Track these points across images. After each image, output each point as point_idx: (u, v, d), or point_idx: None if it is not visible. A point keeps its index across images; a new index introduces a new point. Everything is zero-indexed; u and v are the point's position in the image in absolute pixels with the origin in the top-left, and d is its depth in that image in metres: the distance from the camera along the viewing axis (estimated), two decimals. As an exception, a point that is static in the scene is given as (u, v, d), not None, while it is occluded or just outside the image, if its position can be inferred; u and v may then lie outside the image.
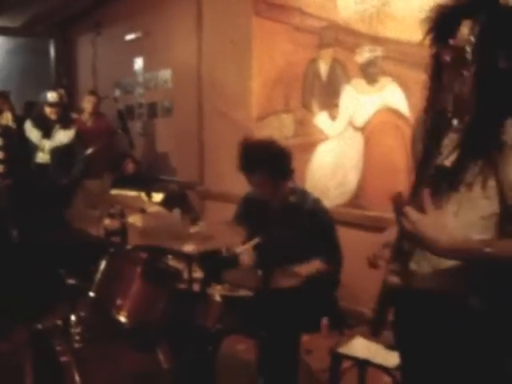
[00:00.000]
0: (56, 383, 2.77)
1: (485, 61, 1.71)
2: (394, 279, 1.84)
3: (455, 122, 1.79)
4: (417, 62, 4.04)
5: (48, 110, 6.59)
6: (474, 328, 1.73)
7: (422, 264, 1.83)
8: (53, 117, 6.60)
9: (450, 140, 1.82)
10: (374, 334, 2.05)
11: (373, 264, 2.07)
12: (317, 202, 3.44)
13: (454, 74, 1.74)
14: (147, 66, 7.76)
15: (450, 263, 1.73)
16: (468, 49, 1.67)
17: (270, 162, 3.25)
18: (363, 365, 2.98)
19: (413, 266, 1.85)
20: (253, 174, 3.31)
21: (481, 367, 1.74)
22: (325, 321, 3.18)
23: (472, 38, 1.67)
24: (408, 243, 1.83)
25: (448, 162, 1.78)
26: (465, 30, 1.70)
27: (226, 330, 3.09)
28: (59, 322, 2.94)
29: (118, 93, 8.36)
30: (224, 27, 6.08)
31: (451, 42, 1.74)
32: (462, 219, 1.74)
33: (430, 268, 1.81)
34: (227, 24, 6.02)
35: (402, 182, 4.20)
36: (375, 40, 4.36)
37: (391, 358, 2.76)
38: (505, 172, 1.67)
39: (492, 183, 1.69)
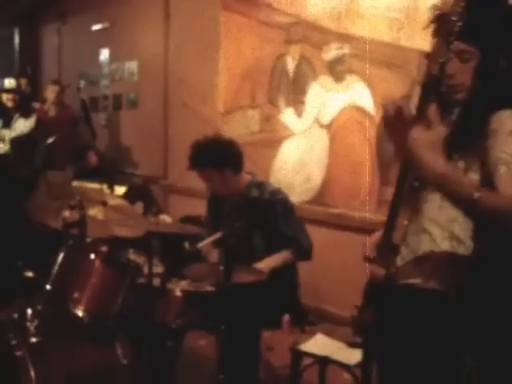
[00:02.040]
0: (11, 378, 2.70)
1: (489, 58, 1.76)
2: (381, 271, 1.83)
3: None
4: (383, 60, 4.07)
5: (4, 97, 6.48)
6: (444, 322, 1.75)
7: (405, 255, 1.85)
8: (9, 104, 6.49)
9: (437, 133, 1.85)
10: (358, 332, 2.06)
11: (370, 260, 2.03)
12: (275, 192, 3.43)
13: (442, 43, 1.74)
14: (113, 57, 7.66)
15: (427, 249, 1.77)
16: (454, 18, 1.66)
17: (212, 155, 3.32)
18: (324, 362, 2.97)
19: (398, 261, 1.86)
20: (199, 170, 3.38)
21: (442, 362, 1.77)
22: (286, 317, 3.17)
23: (458, 8, 1.67)
24: (393, 238, 1.82)
25: None
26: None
27: (186, 326, 3.06)
28: (15, 316, 2.87)
29: (82, 84, 8.23)
30: (192, 20, 6.03)
31: (437, 12, 1.76)
32: (445, 213, 1.78)
33: (411, 255, 1.84)
34: (195, 17, 5.97)
35: (366, 180, 4.22)
36: (343, 37, 4.36)
37: (352, 356, 2.77)
38: (489, 156, 1.68)
39: (474, 176, 1.72)
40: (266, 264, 3.19)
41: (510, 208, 1.59)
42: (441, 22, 1.75)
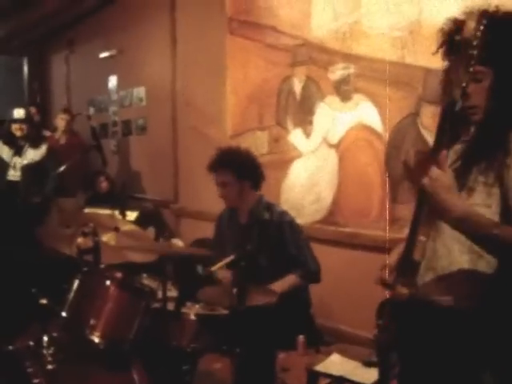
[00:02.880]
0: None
1: (502, 76, 1.79)
2: (403, 290, 1.84)
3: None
4: (389, 79, 4.09)
5: (13, 127, 6.55)
6: (464, 339, 1.76)
7: (427, 275, 1.86)
8: (18, 133, 6.56)
9: (453, 151, 1.88)
10: (378, 351, 2.07)
11: (384, 283, 2.05)
12: (283, 213, 3.47)
13: (462, 69, 1.77)
14: (121, 84, 7.73)
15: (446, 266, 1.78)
16: (474, 42, 1.69)
17: (235, 162, 3.42)
18: (340, 382, 2.95)
19: (418, 278, 1.87)
20: (219, 172, 3.45)
21: (462, 378, 1.78)
22: (301, 338, 3.16)
23: (478, 33, 1.69)
24: (415, 256, 1.84)
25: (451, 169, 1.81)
26: (471, 24, 1.73)
27: (201, 349, 3.06)
28: (31, 343, 2.89)
29: (91, 111, 8.32)
30: (198, 45, 6.09)
31: (457, 37, 1.78)
32: None
33: (431, 271, 1.85)
34: (201, 42, 6.03)
35: (376, 198, 4.23)
36: (348, 57, 4.39)
37: (368, 375, 2.76)
38: (508, 176, 1.71)
39: (495, 190, 1.73)
40: (276, 287, 3.20)
41: None
42: (460, 47, 1.77)
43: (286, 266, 3.35)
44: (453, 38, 1.84)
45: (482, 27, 1.71)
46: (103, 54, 7.92)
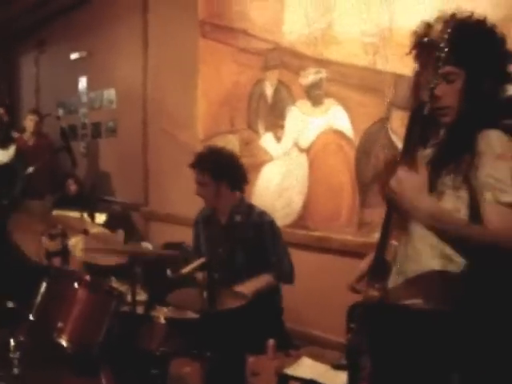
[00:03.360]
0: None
1: (474, 79, 1.83)
2: (374, 293, 1.84)
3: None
4: (360, 84, 4.12)
5: None
6: (434, 340, 1.78)
7: (397, 279, 1.88)
8: None
9: (423, 156, 1.89)
10: (349, 355, 2.08)
11: (355, 290, 2.08)
12: (263, 214, 3.48)
13: (429, 71, 1.79)
14: (91, 86, 7.67)
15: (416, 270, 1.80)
16: (441, 44, 1.71)
17: (213, 163, 3.41)
18: (310, 385, 2.96)
19: (390, 281, 1.89)
20: (197, 172, 3.44)
21: (431, 378, 1.80)
22: (271, 342, 3.16)
23: (445, 35, 1.71)
24: (386, 260, 1.85)
25: None
26: (438, 25, 1.75)
27: (171, 353, 3.04)
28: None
29: (61, 112, 8.23)
30: (170, 48, 6.07)
31: (425, 39, 1.80)
32: None
33: (402, 275, 1.87)
34: (173, 45, 6.01)
35: (346, 202, 4.25)
36: (320, 62, 4.41)
37: (337, 378, 2.77)
38: (476, 178, 1.73)
39: (463, 193, 1.76)
40: (249, 287, 3.20)
41: (494, 243, 1.65)
42: (428, 49, 1.79)
43: (262, 266, 3.35)
44: (422, 41, 1.87)
45: (449, 29, 1.73)
46: (73, 55, 7.85)
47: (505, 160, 1.72)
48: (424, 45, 1.85)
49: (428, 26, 1.88)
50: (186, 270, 2.67)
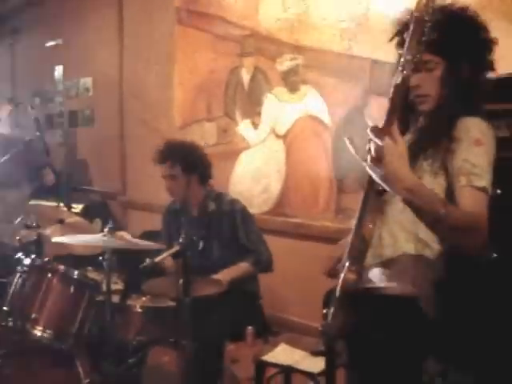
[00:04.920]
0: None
1: (453, 67, 1.83)
2: (350, 276, 1.83)
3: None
4: (336, 70, 4.12)
5: None
6: (409, 325, 1.78)
7: (373, 262, 1.88)
8: None
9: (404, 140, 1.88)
10: (326, 340, 2.07)
11: (330, 274, 2.07)
12: (233, 202, 3.46)
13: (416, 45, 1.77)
14: (67, 74, 7.58)
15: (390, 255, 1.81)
16: (426, 17, 1.69)
17: (183, 155, 3.38)
18: (288, 371, 2.97)
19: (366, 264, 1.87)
20: (167, 165, 3.40)
21: (407, 364, 1.80)
22: (250, 329, 3.17)
23: (430, 9, 1.70)
24: (362, 242, 1.84)
25: None
26: (422, 1, 1.73)
27: (148, 342, 3.03)
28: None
29: (37, 101, 8.12)
30: (146, 35, 6.01)
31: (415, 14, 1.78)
32: (408, 215, 1.77)
33: (377, 258, 1.88)
34: (149, 32, 5.95)
35: (324, 189, 4.25)
36: (296, 48, 4.40)
37: (315, 364, 2.78)
38: (452, 162, 1.75)
39: (440, 179, 1.78)
40: (225, 275, 3.19)
41: (466, 224, 1.65)
42: (415, 23, 1.76)
43: (238, 254, 3.34)
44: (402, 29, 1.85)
45: (432, 4, 1.71)
46: (49, 43, 7.74)
47: (481, 145, 1.73)
48: (409, 20, 1.82)
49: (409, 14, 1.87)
50: (159, 258, 2.65)
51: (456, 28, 1.83)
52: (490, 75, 1.92)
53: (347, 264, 1.86)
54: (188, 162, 3.36)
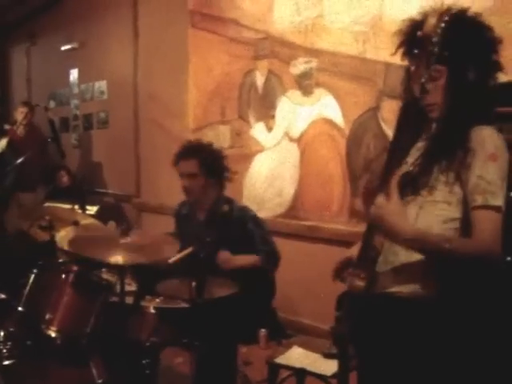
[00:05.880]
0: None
1: (456, 73, 1.81)
2: (359, 283, 1.85)
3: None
4: (350, 73, 4.11)
5: None
6: (421, 328, 1.78)
7: (384, 269, 1.88)
8: None
9: (416, 149, 1.90)
10: (336, 342, 2.08)
11: (339, 277, 2.10)
12: (244, 209, 3.46)
13: (422, 65, 1.79)
14: (83, 78, 7.64)
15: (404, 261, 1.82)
16: (435, 39, 1.70)
17: (205, 155, 3.38)
18: (300, 374, 2.96)
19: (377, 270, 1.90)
20: (187, 162, 3.38)
21: (418, 367, 1.79)
22: (263, 332, 3.17)
23: (439, 30, 1.70)
24: (373, 249, 1.86)
25: (412, 167, 1.87)
26: (432, 20, 1.74)
27: (161, 343, 3.03)
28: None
29: (52, 104, 8.19)
30: (160, 38, 6.04)
31: (419, 33, 1.79)
32: (423, 221, 1.81)
33: (389, 265, 1.88)
34: (163, 35, 5.98)
35: (337, 192, 4.25)
36: (310, 52, 4.40)
37: (328, 367, 2.77)
38: (467, 176, 1.74)
39: (457, 189, 1.77)
40: (233, 260, 3.20)
41: (483, 253, 1.69)
42: (421, 43, 1.78)
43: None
44: (414, 35, 1.85)
45: (443, 24, 1.72)
46: (65, 47, 7.81)
47: (496, 161, 1.73)
48: (417, 39, 1.83)
49: (414, 21, 1.87)
50: (173, 258, 2.66)
51: (456, 31, 1.80)
52: (500, 78, 1.91)
53: (356, 271, 1.87)
54: (209, 163, 3.37)
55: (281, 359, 2.96)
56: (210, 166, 3.37)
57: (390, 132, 3.76)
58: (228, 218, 3.34)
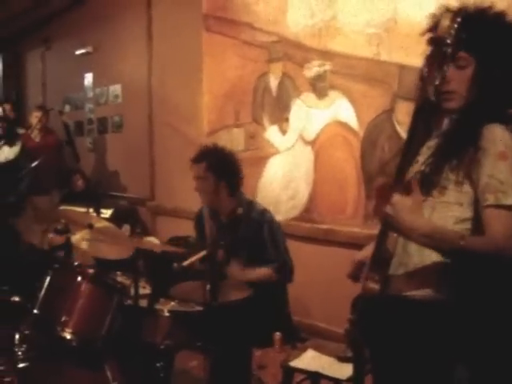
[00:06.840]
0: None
1: (485, 66, 1.80)
2: (373, 286, 1.84)
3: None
4: (364, 75, 4.10)
5: None
6: (437, 332, 1.77)
7: (398, 271, 1.87)
8: None
9: (427, 147, 1.89)
10: (350, 345, 2.08)
11: (355, 277, 2.10)
12: (263, 212, 3.45)
13: (435, 66, 1.77)
14: (97, 82, 7.68)
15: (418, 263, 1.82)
16: (448, 40, 1.69)
17: (216, 159, 3.40)
18: (315, 377, 2.95)
19: (390, 272, 1.89)
20: (199, 166, 3.41)
21: (436, 371, 1.78)
22: (277, 335, 3.15)
23: (452, 31, 1.70)
24: (386, 251, 1.85)
25: (424, 167, 1.85)
26: (446, 21, 1.73)
27: (175, 346, 3.04)
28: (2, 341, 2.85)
29: (67, 108, 8.22)
30: (174, 42, 6.06)
31: (432, 36, 1.79)
32: (436, 219, 1.80)
33: (403, 267, 1.87)
34: (177, 39, 6.00)
35: (352, 194, 4.24)
36: (324, 54, 4.39)
37: (343, 370, 2.76)
38: (478, 175, 1.74)
39: (466, 188, 1.76)
40: (244, 273, 3.19)
41: (497, 251, 1.68)
42: (435, 45, 1.77)
43: (262, 261, 3.34)
44: (429, 37, 1.84)
45: (456, 25, 1.71)
46: (79, 51, 7.86)
47: (506, 159, 1.71)
48: (430, 41, 1.83)
49: (434, 21, 1.86)
50: (188, 261, 2.66)
51: (489, 28, 1.80)
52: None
53: (370, 273, 1.86)
54: (219, 167, 3.38)
55: (295, 363, 2.95)
56: (219, 168, 3.39)
57: (404, 134, 3.74)
58: (243, 220, 3.34)
